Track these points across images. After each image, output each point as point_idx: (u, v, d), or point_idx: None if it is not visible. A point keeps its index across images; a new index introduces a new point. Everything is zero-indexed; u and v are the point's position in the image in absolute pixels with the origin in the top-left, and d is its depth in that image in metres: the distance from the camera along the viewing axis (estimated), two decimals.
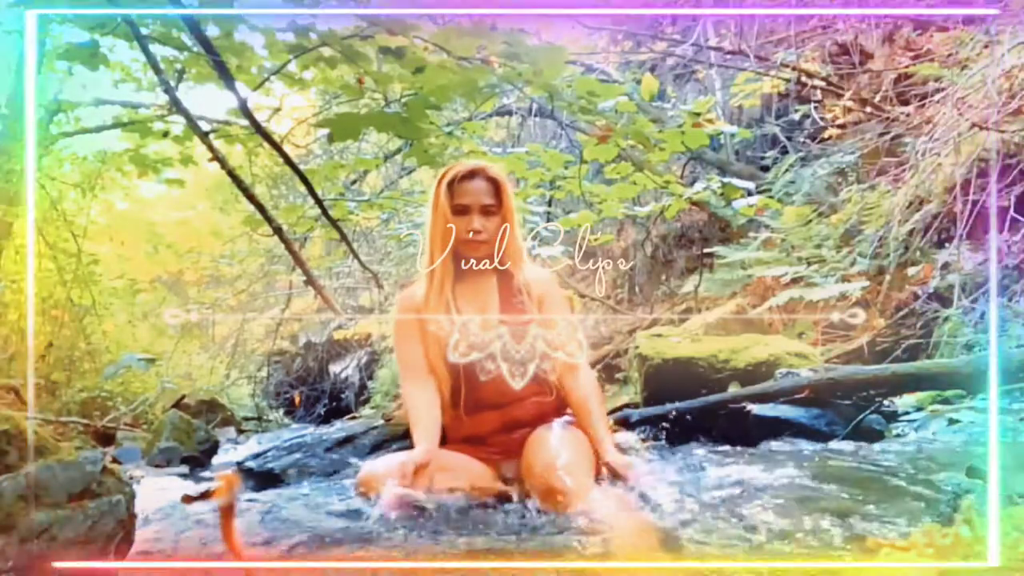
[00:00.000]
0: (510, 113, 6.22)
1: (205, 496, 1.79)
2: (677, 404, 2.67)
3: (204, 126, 2.85)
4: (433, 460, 1.70)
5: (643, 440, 2.63)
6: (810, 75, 5.25)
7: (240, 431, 4.99)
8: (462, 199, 1.83)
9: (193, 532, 1.47)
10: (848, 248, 4.21)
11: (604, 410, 1.88)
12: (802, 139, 5.42)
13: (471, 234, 1.82)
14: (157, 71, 2.49)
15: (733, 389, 2.82)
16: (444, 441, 1.91)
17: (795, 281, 4.09)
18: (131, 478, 2.30)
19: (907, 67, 4.63)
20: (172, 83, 2.56)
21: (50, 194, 4.62)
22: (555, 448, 1.67)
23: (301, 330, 8.70)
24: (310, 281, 3.14)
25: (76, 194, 5.01)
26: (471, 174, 1.84)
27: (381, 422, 2.50)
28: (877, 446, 2.18)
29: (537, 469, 1.62)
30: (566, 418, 1.86)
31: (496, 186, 1.85)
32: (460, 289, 1.88)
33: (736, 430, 2.46)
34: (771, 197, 4.35)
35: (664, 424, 2.62)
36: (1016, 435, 1.99)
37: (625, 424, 2.75)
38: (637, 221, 5.85)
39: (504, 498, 1.69)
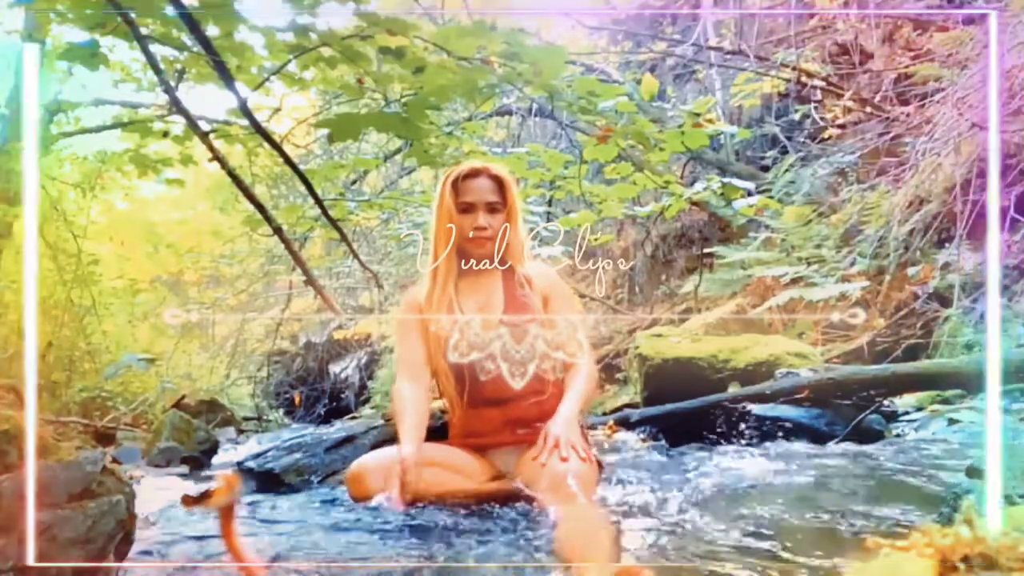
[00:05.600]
0: (510, 113, 6.22)
1: (205, 496, 1.78)
2: (677, 404, 2.67)
3: (204, 126, 2.85)
4: (424, 456, 1.70)
5: (643, 440, 2.64)
6: (810, 75, 5.25)
7: (240, 431, 4.98)
8: (467, 197, 1.85)
9: (193, 532, 1.46)
10: (848, 248, 4.21)
11: (585, 397, 1.82)
12: (802, 139, 5.42)
13: (472, 233, 1.84)
14: (157, 71, 2.48)
15: (733, 389, 2.82)
16: (446, 436, 1.93)
17: (795, 281, 4.09)
18: (131, 478, 2.30)
19: (907, 67, 4.63)
20: (172, 83, 2.55)
21: (50, 194, 4.62)
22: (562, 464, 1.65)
23: (301, 330, 8.69)
24: (310, 281, 3.14)
25: (76, 194, 5.01)
26: (475, 173, 1.87)
27: (381, 422, 2.50)
28: (877, 446, 2.18)
29: (545, 482, 1.60)
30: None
31: (500, 184, 1.87)
32: (463, 287, 1.89)
33: (736, 430, 2.46)
34: (771, 197, 4.35)
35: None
36: (1016, 435, 1.99)
37: (625, 424, 2.76)
38: (637, 221, 5.85)
39: (499, 496, 1.69)
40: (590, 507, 1.47)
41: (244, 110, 2.61)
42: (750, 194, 3.44)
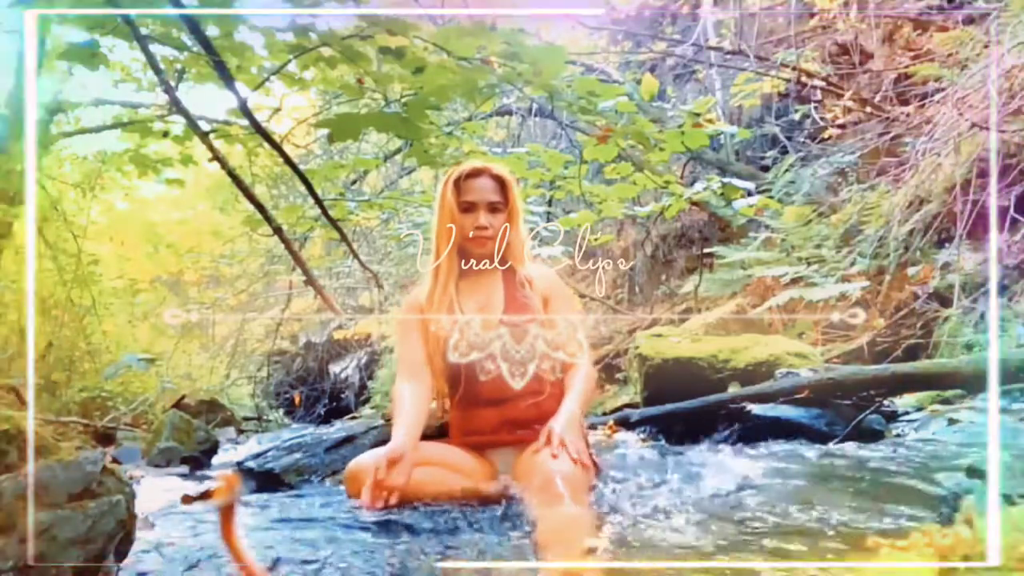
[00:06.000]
0: (510, 113, 6.22)
1: (205, 496, 1.79)
2: (677, 404, 2.67)
3: (204, 126, 2.85)
4: (421, 454, 1.70)
5: (643, 440, 2.64)
6: (810, 75, 5.25)
7: (240, 431, 4.98)
8: (468, 196, 1.86)
9: (193, 532, 1.47)
10: (848, 248, 4.21)
11: (586, 398, 1.83)
12: (802, 139, 5.42)
13: (473, 232, 1.85)
14: (157, 71, 2.48)
15: (733, 389, 2.82)
16: (446, 436, 1.93)
17: (795, 281, 4.08)
18: (131, 478, 2.30)
19: (907, 67, 4.63)
20: (172, 83, 2.55)
21: (50, 194, 4.62)
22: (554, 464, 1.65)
23: (301, 330, 8.70)
24: (310, 281, 3.14)
25: (76, 194, 5.01)
26: (477, 172, 1.88)
27: (381, 422, 2.50)
28: (877, 446, 2.18)
29: (536, 481, 1.59)
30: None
31: (502, 184, 1.89)
32: (464, 287, 1.90)
33: (736, 430, 2.46)
34: (771, 197, 4.35)
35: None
36: (1016, 435, 1.99)
37: (625, 424, 2.76)
38: (637, 221, 5.85)
39: (495, 496, 1.69)
40: (574, 510, 1.46)
41: (244, 110, 2.61)
42: (750, 194, 3.44)
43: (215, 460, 3.14)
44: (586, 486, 1.65)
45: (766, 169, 5.41)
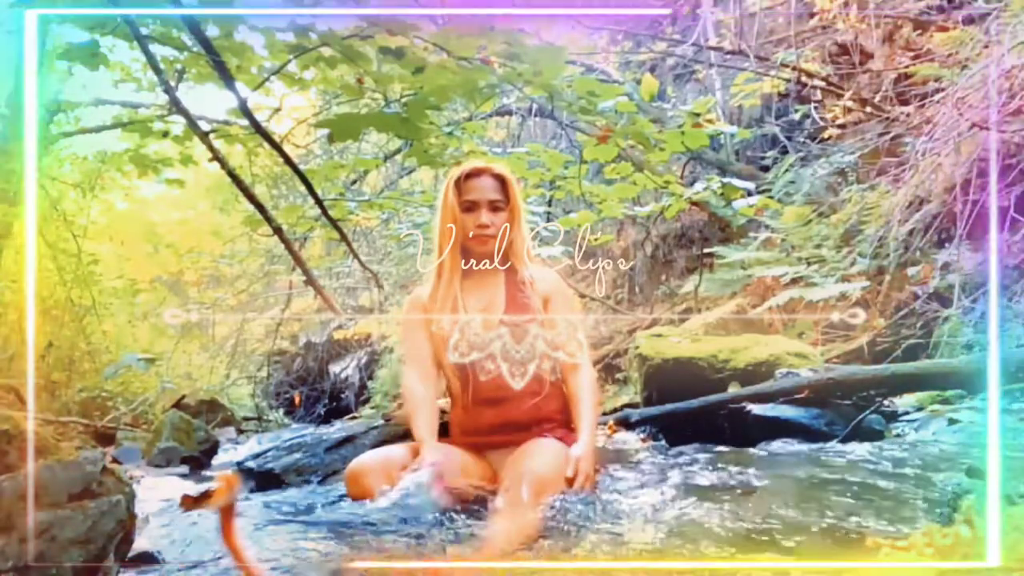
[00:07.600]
0: (510, 113, 6.22)
1: (205, 497, 1.79)
2: (677, 404, 2.67)
3: (204, 126, 2.85)
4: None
5: (643, 440, 2.64)
6: (810, 75, 5.25)
7: (240, 431, 4.99)
8: (470, 195, 1.87)
9: (193, 532, 1.47)
10: (848, 248, 4.21)
11: (596, 409, 1.86)
12: (802, 139, 5.41)
13: (474, 232, 1.85)
14: (157, 71, 2.49)
15: (733, 389, 2.81)
16: (446, 435, 1.93)
17: (795, 281, 4.08)
18: (131, 478, 2.30)
19: (907, 67, 4.62)
20: (172, 83, 2.56)
21: (50, 194, 4.62)
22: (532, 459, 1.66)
23: (301, 330, 8.69)
24: (310, 281, 3.14)
25: (76, 194, 5.01)
26: (478, 172, 1.89)
27: (381, 422, 2.51)
28: (877, 446, 2.18)
29: (507, 482, 1.61)
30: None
31: (503, 183, 1.90)
32: (466, 287, 1.91)
33: (736, 430, 2.46)
34: (771, 197, 4.35)
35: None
36: (1016, 435, 1.99)
37: (625, 424, 2.75)
38: (637, 221, 5.85)
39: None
40: (530, 514, 1.47)
41: (244, 110, 2.61)
42: (750, 194, 3.45)
43: (215, 460, 3.14)
44: (552, 492, 1.63)
45: (766, 169, 5.41)
